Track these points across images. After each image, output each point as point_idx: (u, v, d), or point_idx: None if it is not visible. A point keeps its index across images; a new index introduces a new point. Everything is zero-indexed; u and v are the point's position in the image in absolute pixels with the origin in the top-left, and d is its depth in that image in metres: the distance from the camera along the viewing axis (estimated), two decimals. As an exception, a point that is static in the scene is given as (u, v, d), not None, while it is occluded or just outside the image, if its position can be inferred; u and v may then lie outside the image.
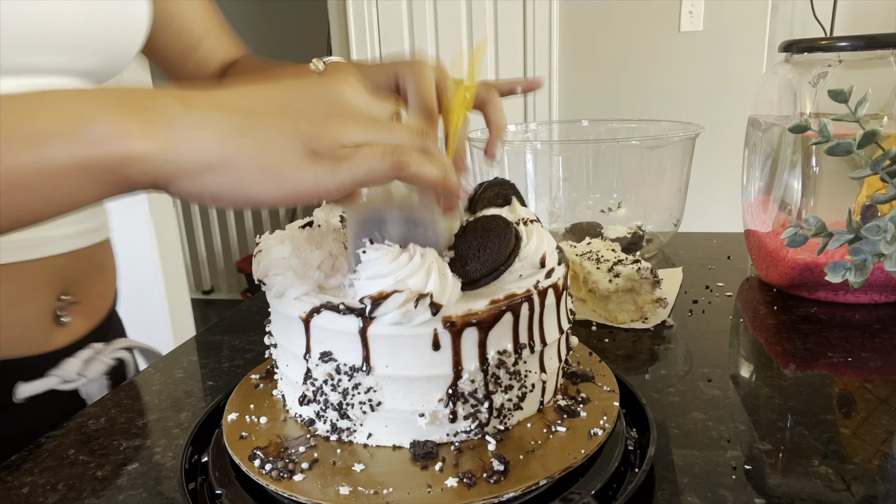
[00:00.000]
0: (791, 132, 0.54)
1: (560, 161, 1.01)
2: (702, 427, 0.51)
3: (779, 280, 0.80)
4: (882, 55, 0.73)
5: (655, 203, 1.03)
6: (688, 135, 0.97)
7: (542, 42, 2.43)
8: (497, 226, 0.44)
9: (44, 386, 0.63)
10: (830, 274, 0.47)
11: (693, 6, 2.25)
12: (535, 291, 0.44)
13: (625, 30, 2.35)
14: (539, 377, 0.46)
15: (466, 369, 0.42)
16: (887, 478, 0.44)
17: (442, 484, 0.39)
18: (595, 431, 0.44)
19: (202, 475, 0.47)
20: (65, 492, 0.47)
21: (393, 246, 0.41)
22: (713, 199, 2.33)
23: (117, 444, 0.53)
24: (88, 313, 0.69)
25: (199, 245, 3.37)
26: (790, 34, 2.21)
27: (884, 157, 0.46)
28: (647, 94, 2.39)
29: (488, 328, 0.42)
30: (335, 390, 0.43)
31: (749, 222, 0.87)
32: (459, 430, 0.43)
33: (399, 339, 0.41)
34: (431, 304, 0.39)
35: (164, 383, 0.64)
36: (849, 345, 0.65)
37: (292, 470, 0.41)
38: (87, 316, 0.69)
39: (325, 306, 0.42)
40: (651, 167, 1.00)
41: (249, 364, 0.68)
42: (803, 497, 0.43)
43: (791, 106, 0.79)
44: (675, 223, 1.04)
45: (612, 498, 0.42)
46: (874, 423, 0.51)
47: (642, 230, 1.01)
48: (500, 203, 0.52)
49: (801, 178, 0.75)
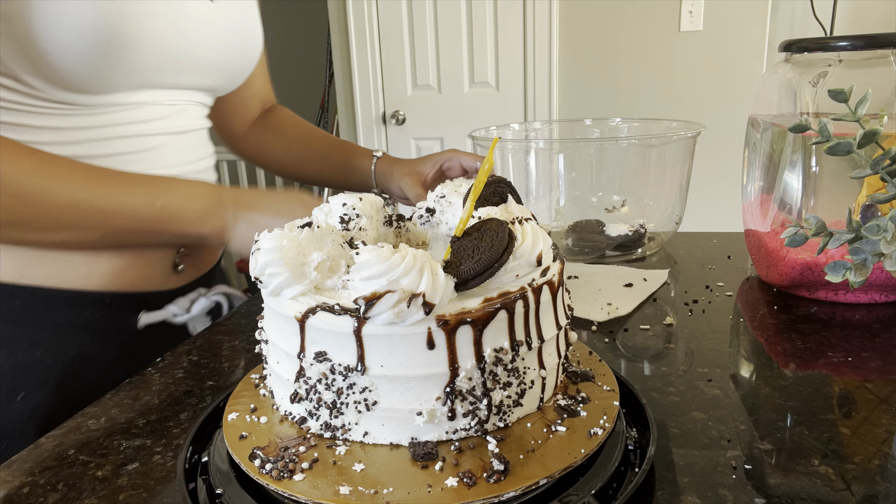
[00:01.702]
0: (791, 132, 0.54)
1: (561, 159, 1.01)
2: (702, 427, 0.51)
3: (779, 280, 0.80)
4: (882, 55, 0.73)
5: (657, 201, 1.03)
6: (688, 134, 0.97)
7: (542, 42, 2.43)
8: (491, 225, 0.44)
9: (160, 316, 0.76)
10: (830, 273, 0.47)
11: (693, 6, 2.25)
12: (530, 288, 0.44)
13: (625, 29, 2.35)
14: (538, 374, 0.46)
15: (463, 367, 0.42)
16: (887, 477, 0.44)
17: (442, 484, 0.39)
18: (595, 431, 0.44)
19: (202, 475, 0.47)
20: (65, 492, 0.47)
21: (386, 246, 0.41)
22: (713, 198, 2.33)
23: (117, 444, 0.53)
24: (198, 264, 0.84)
25: (200, 245, 3.37)
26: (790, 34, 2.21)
27: (884, 157, 0.46)
28: (647, 93, 2.39)
29: (483, 326, 0.42)
30: (329, 389, 0.43)
31: (749, 222, 0.87)
32: (459, 428, 0.43)
33: (393, 339, 0.41)
34: (424, 304, 0.40)
35: (164, 383, 0.64)
36: (849, 344, 0.65)
37: (292, 470, 0.41)
38: (197, 266, 0.83)
39: (320, 307, 0.42)
40: (652, 166, 1.00)
41: (249, 364, 0.68)
42: (803, 497, 0.43)
43: (791, 106, 0.79)
44: (677, 221, 1.04)
45: (612, 498, 0.42)
46: (874, 423, 0.51)
47: (644, 228, 1.01)
48: (496, 201, 0.52)
49: (801, 178, 0.75)
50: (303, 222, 0.50)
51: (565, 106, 2.50)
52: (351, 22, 2.58)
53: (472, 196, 0.45)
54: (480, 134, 1.05)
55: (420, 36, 2.54)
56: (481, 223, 0.45)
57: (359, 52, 2.61)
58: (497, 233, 0.43)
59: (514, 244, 0.44)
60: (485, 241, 0.43)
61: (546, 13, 2.39)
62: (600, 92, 2.45)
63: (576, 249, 1.00)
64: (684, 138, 0.98)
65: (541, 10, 2.39)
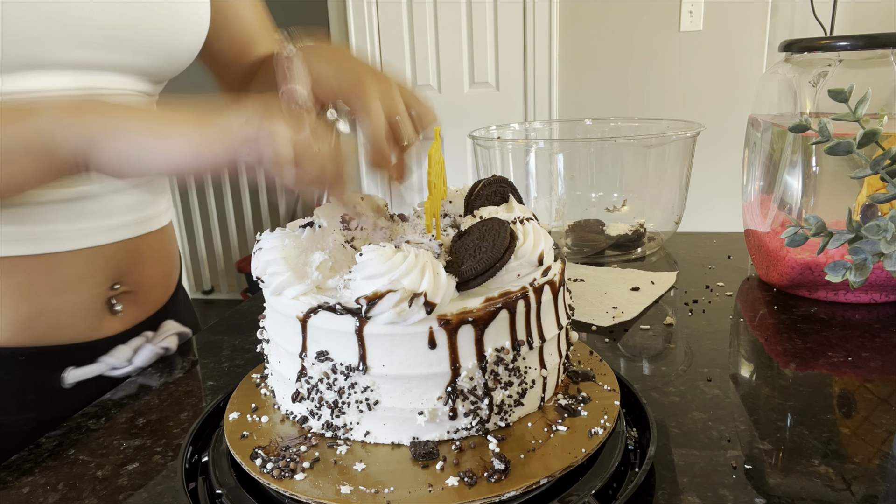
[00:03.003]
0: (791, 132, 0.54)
1: (561, 159, 1.02)
2: (702, 427, 0.51)
3: (779, 280, 0.80)
4: (882, 55, 0.73)
5: (656, 201, 1.03)
6: (687, 134, 0.97)
7: (542, 41, 2.43)
8: (493, 225, 0.44)
9: (93, 371, 0.64)
10: (830, 273, 0.47)
11: (693, 6, 2.25)
12: (531, 288, 0.44)
13: (625, 29, 2.35)
14: (539, 373, 0.46)
15: (464, 367, 0.42)
16: (887, 477, 0.44)
17: (443, 483, 0.39)
18: (596, 430, 0.44)
19: (202, 475, 0.47)
20: (65, 492, 0.47)
21: (387, 246, 0.41)
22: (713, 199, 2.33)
23: (117, 444, 0.53)
24: (143, 302, 0.69)
25: (199, 245, 3.37)
26: (790, 34, 2.21)
27: (884, 157, 0.46)
28: (647, 93, 2.39)
29: (484, 325, 0.42)
30: (331, 389, 0.43)
31: (749, 222, 0.88)
32: (460, 428, 0.43)
33: (395, 338, 0.41)
34: (426, 303, 0.40)
35: (164, 383, 0.64)
36: (849, 344, 0.65)
37: (293, 469, 0.41)
38: (141, 305, 0.69)
39: (322, 306, 0.42)
40: (652, 166, 1.00)
41: (249, 364, 0.68)
42: (803, 497, 0.43)
43: (791, 105, 0.79)
44: (677, 221, 1.04)
45: (612, 497, 0.42)
46: (874, 423, 0.51)
47: (643, 228, 1.01)
48: (497, 201, 0.52)
49: (801, 178, 0.76)
50: (304, 222, 0.50)
51: (565, 106, 2.50)
52: (351, 22, 2.57)
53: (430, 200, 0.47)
54: (480, 134, 1.05)
55: (420, 36, 2.54)
56: (482, 223, 0.45)
57: (359, 52, 2.61)
58: (498, 232, 0.43)
59: (516, 244, 0.44)
60: (486, 241, 0.43)
61: (546, 13, 2.39)
62: (600, 92, 2.44)
63: (575, 249, 1.00)
64: (683, 138, 0.98)
65: (541, 10, 2.39)
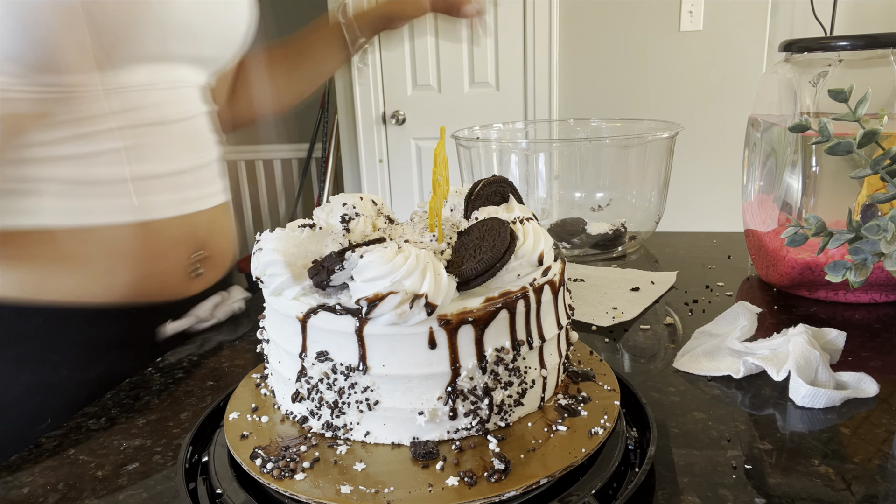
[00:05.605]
0: (791, 132, 0.54)
1: (542, 159, 1.02)
2: (702, 427, 0.51)
3: (779, 280, 0.80)
4: (882, 55, 0.73)
5: (637, 201, 1.04)
6: (663, 135, 0.98)
7: (542, 42, 2.43)
8: (493, 225, 0.44)
9: (185, 324, 0.73)
10: (830, 273, 0.47)
11: (693, 6, 2.25)
12: (532, 288, 0.44)
13: (625, 29, 2.35)
14: (539, 373, 0.46)
15: (464, 367, 0.42)
16: (887, 477, 0.44)
17: (443, 483, 0.39)
18: (596, 430, 0.44)
19: (202, 475, 0.47)
20: (65, 492, 0.47)
21: (389, 246, 0.41)
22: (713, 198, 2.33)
23: (117, 444, 0.53)
24: (216, 267, 0.80)
25: (199, 245, 3.37)
26: (790, 34, 2.21)
27: (884, 157, 0.46)
28: (647, 93, 2.39)
29: (484, 325, 0.42)
30: (331, 389, 0.43)
31: (749, 222, 0.88)
32: (460, 428, 0.43)
33: (395, 339, 0.41)
34: (427, 305, 0.40)
35: (164, 383, 0.64)
36: (849, 344, 0.65)
37: (293, 469, 0.41)
38: (215, 269, 0.80)
39: (321, 307, 0.42)
40: (630, 166, 1.02)
41: (249, 364, 0.68)
42: (803, 497, 0.43)
43: (791, 105, 0.79)
44: (656, 220, 1.05)
45: (612, 497, 0.42)
46: (874, 423, 0.51)
47: (624, 227, 1.02)
48: (497, 201, 0.52)
49: (801, 178, 0.76)
50: (304, 222, 0.50)
51: (565, 106, 2.50)
52: (351, 22, 2.57)
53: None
54: (464, 134, 1.06)
55: (420, 36, 2.54)
56: (483, 223, 0.45)
57: (359, 52, 2.61)
58: (499, 232, 0.43)
59: (516, 244, 0.44)
60: (486, 241, 0.43)
61: (546, 13, 2.39)
62: (600, 92, 2.45)
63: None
64: (659, 139, 0.98)
65: (541, 10, 2.39)
